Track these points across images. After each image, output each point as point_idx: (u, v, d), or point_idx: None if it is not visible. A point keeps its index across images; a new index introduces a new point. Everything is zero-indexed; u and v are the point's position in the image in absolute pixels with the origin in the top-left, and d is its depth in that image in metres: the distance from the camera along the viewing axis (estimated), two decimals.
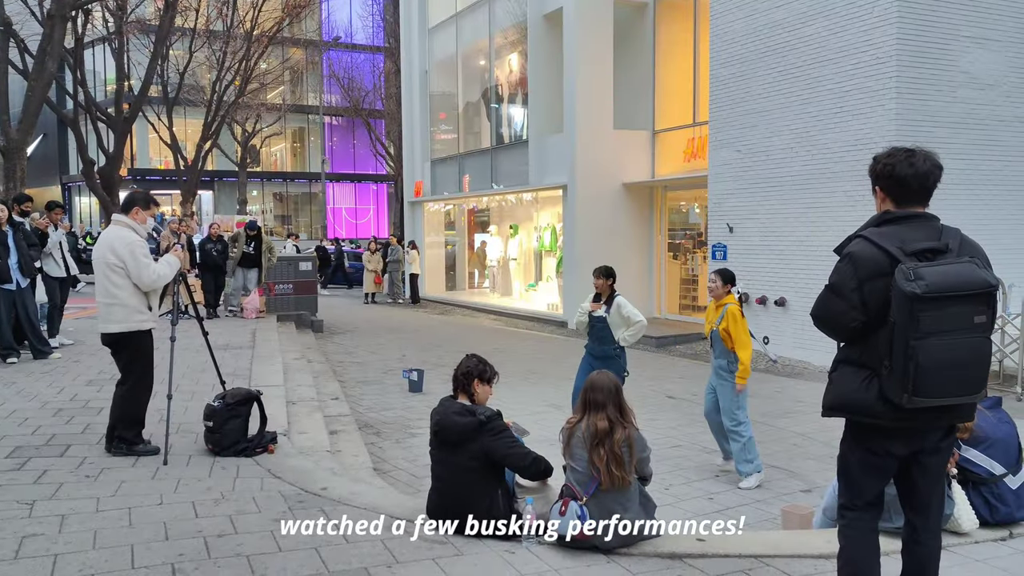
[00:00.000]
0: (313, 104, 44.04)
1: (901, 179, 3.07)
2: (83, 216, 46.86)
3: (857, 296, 2.99)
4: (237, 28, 28.19)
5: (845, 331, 3.09)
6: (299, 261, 16.36)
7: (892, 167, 3.09)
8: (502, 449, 4.38)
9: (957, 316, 2.83)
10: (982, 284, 2.86)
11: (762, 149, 13.71)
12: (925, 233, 3.01)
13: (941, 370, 2.83)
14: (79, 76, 22.43)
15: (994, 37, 12.18)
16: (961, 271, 2.87)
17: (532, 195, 20.13)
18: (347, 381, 10.76)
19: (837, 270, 3.09)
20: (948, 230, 3.04)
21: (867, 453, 3.14)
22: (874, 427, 3.06)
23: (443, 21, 24.33)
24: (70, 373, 8.70)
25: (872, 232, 3.06)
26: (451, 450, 4.44)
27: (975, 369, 2.91)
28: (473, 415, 4.42)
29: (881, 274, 2.93)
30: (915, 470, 3.16)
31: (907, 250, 2.94)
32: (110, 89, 37.21)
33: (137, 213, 5.73)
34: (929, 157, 3.09)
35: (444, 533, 4.42)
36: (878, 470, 3.16)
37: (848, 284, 3.02)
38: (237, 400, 5.95)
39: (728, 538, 4.75)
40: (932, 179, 3.08)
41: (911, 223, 3.05)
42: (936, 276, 2.83)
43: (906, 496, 3.25)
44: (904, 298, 2.83)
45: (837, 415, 3.15)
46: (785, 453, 7.72)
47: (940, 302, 2.81)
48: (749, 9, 13.90)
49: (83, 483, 5.14)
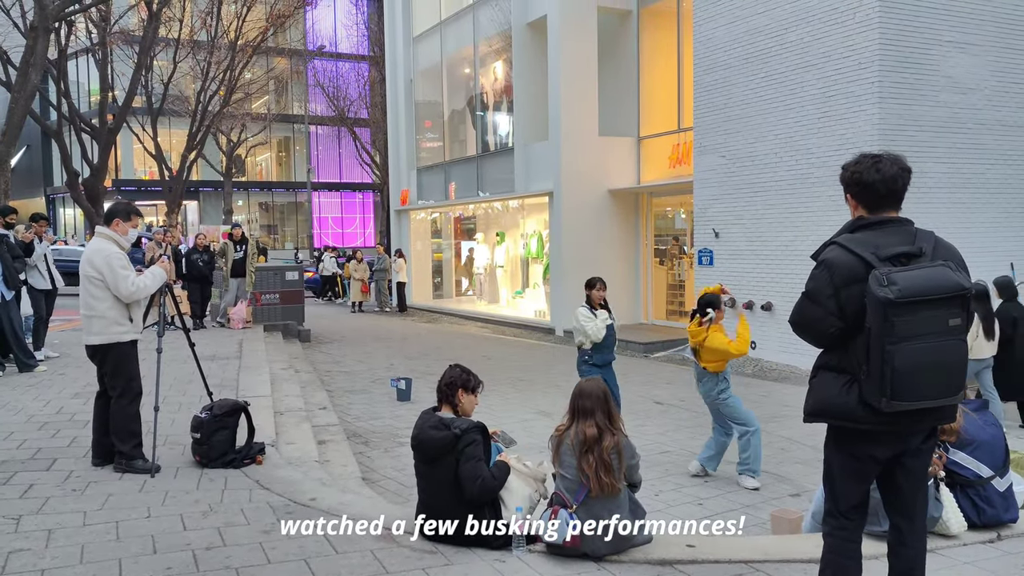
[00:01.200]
0: (298, 113, 43.97)
1: (869, 185, 3.09)
2: (68, 227, 46.57)
3: (834, 302, 3.02)
4: (221, 38, 28.15)
5: (823, 337, 3.11)
6: (285, 271, 16.31)
7: (859, 174, 3.12)
8: (460, 464, 4.30)
9: (931, 320, 2.85)
10: (955, 287, 2.87)
11: (746, 154, 13.78)
12: (899, 238, 3.03)
13: (918, 373, 2.85)
14: (63, 87, 22.34)
15: (975, 41, 12.30)
16: (934, 275, 2.88)
17: (518, 202, 20.16)
18: (335, 391, 10.72)
19: (813, 277, 3.12)
20: (922, 234, 3.06)
21: (849, 457, 3.16)
22: (855, 431, 3.08)
23: (427, 30, 24.38)
24: (55, 386, 8.63)
25: (846, 238, 3.09)
26: (431, 464, 4.42)
27: (952, 371, 2.92)
28: (448, 429, 4.37)
29: (856, 280, 2.96)
30: (898, 473, 3.18)
31: (881, 255, 2.96)
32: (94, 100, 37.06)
33: (118, 225, 5.69)
34: (896, 161, 3.11)
35: (443, 532, 4.39)
36: (860, 474, 3.17)
37: (824, 291, 3.05)
38: (224, 411, 5.91)
39: (718, 544, 4.76)
40: (900, 183, 3.10)
41: (885, 228, 3.07)
42: (909, 281, 2.85)
43: (890, 499, 3.26)
44: (878, 303, 2.86)
45: (818, 420, 3.17)
46: (773, 457, 7.74)
47: (913, 306, 2.83)
48: (731, 16, 13.99)
49: (69, 497, 5.10)
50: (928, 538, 4.52)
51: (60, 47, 21.55)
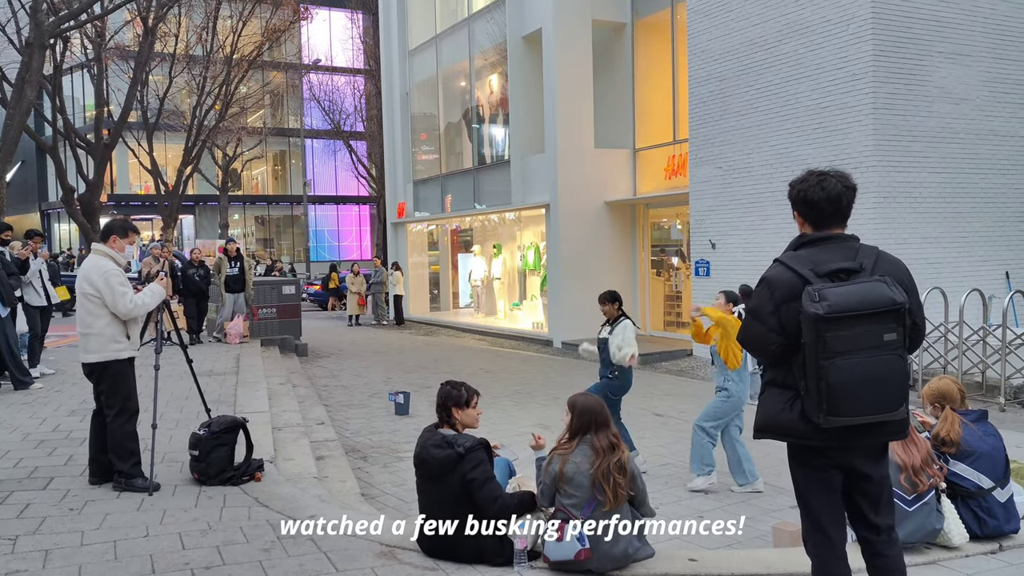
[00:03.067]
0: (294, 127, 44.03)
1: (814, 203, 3.13)
2: (63, 243, 46.50)
3: (775, 319, 3.06)
4: (217, 53, 28.20)
5: (767, 354, 3.15)
6: (282, 285, 16.30)
7: (804, 192, 3.16)
8: (476, 485, 4.28)
9: (865, 335, 2.86)
10: (887, 302, 2.87)
11: (742, 166, 13.82)
12: (840, 254, 3.05)
13: (853, 389, 2.86)
14: (58, 103, 22.33)
15: (966, 52, 12.38)
16: (866, 290, 2.90)
17: (515, 214, 20.18)
18: (333, 405, 10.69)
19: (755, 294, 3.17)
20: (865, 249, 3.09)
21: (808, 470, 3.17)
22: (805, 446, 3.10)
23: (423, 43, 24.46)
24: (52, 403, 8.59)
25: (788, 256, 3.14)
26: (433, 483, 4.40)
27: (889, 386, 2.91)
28: (452, 447, 4.34)
29: (795, 297, 2.99)
30: (855, 493, 3.18)
31: (819, 271, 2.99)
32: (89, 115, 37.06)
33: (115, 241, 5.67)
34: (842, 179, 3.14)
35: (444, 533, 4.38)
36: (824, 485, 3.16)
37: (765, 308, 3.09)
38: (223, 428, 5.89)
39: (720, 558, 4.75)
40: (844, 201, 3.13)
41: (826, 245, 3.10)
42: (839, 296, 2.87)
43: (852, 516, 3.25)
44: (809, 319, 2.89)
45: (766, 436, 3.19)
46: (773, 469, 7.71)
47: (845, 322, 2.85)
48: (726, 28, 14.06)
49: (67, 516, 5.07)
50: (930, 550, 4.53)
51: (55, 63, 21.56)
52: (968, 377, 11.13)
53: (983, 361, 10.96)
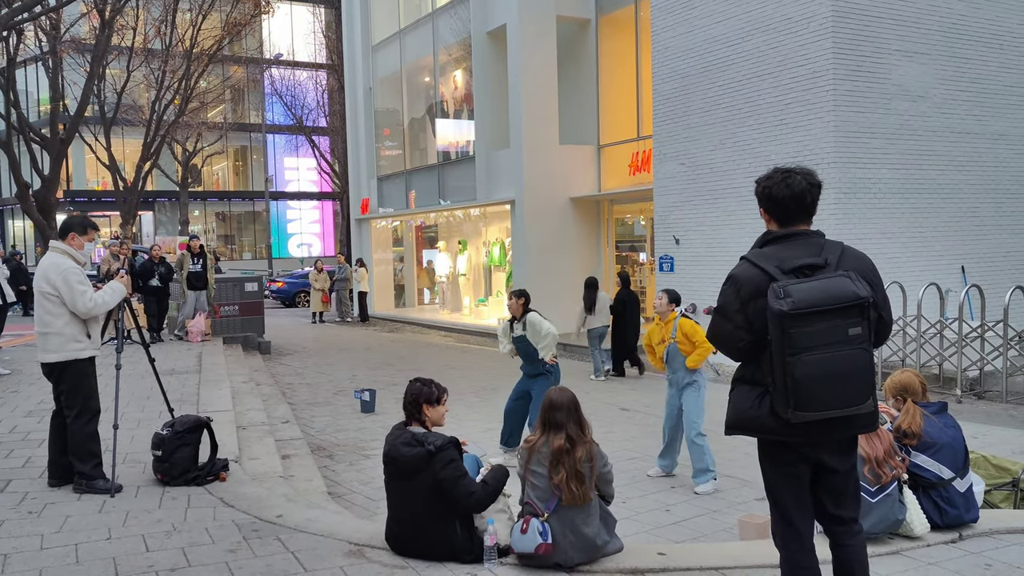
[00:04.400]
0: (255, 122, 43.49)
1: (778, 200, 3.15)
2: (17, 240, 45.48)
3: (741, 316, 3.08)
4: (176, 47, 27.73)
5: (736, 351, 3.17)
6: (244, 282, 16.10)
7: (769, 189, 3.18)
8: (448, 482, 4.27)
9: (829, 331, 2.88)
10: (850, 297, 2.89)
11: (705, 162, 13.93)
12: (806, 250, 3.07)
13: (819, 383, 2.88)
14: (11, 97, 21.79)
15: (923, 50, 12.59)
16: (829, 285, 2.91)
17: (480, 210, 20.15)
18: (297, 403, 10.60)
19: (722, 292, 3.20)
20: (830, 245, 3.11)
21: (777, 465, 3.21)
22: (775, 442, 3.14)
23: (387, 38, 24.29)
24: (8, 404, 8.40)
25: (754, 253, 3.17)
26: (403, 481, 4.38)
27: (856, 380, 2.93)
28: (422, 445, 4.32)
29: (761, 293, 3.00)
30: (820, 488, 3.21)
31: (785, 268, 3.02)
32: (44, 109, 36.29)
33: (73, 239, 5.55)
34: (807, 176, 3.16)
35: (413, 531, 4.37)
36: (791, 480, 3.18)
37: (732, 305, 3.12)
38: (186, 427, 5.80)
39: (688, 551, 4.79)
40: (809, 198, 3.16)
41: (792, 241, 3.12)
42: (802, 293, 2.89)
43: (817, 507, 3.27)
44: (774, 316, 2.91)
45: (736, 433, 3.22)
46: (737, 462, 7.80)
47: (808, 318, 2.87)
48: (689, 25, 14.15)
49: (26, 520, 4.96)
50: (893, 540, 4.61)
51: (9, 55, 21.07)
52: (926, 369, 11.34)
53: (940, 354, 11.18)
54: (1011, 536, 4.78)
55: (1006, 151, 13.56)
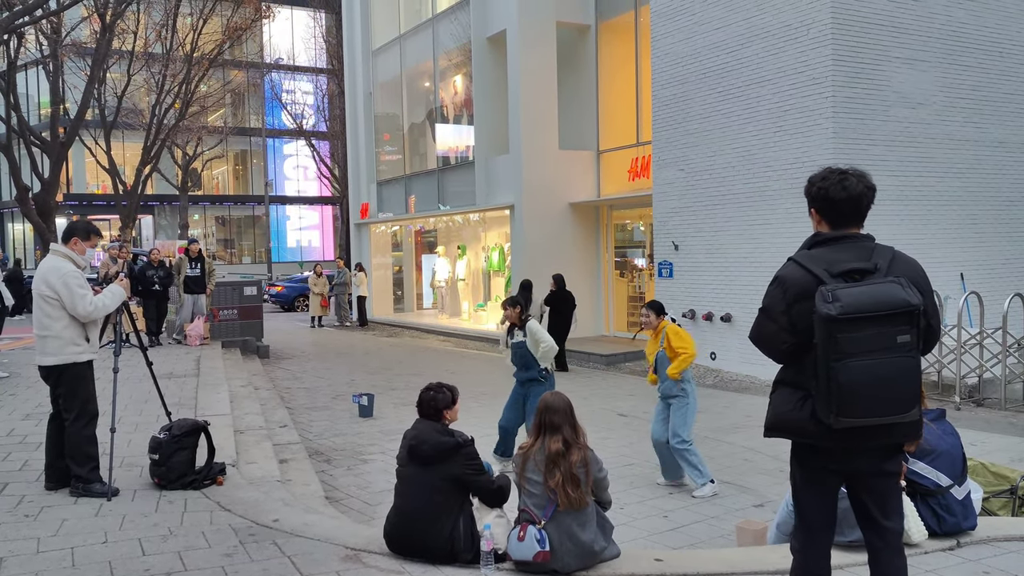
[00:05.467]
0: (255, 126, 43.53)
1: (835, 202, 3.09)
2: (17, 244, 45.48)
3: (786, 318, 3.03)
4: (177, 51, 27.76)
5: (778, 353, 3.13)
6: (243, 286, 16.10)
7: (826, 190, 3.10)
8: (472, 474, 4.43)
9: (877, 337, 2.83)
10: (901, 304, 2.84)
11: (705, 168, 13.95)
12: (855, 254, 3.02)
13: (864, 390, 2.83)
14: (12, 100, 21.81)
15: (923, 58, 12.62)
16: (879, 291, 2.87)
17: (479, 215, 20.16)
18: (295, 408, 10.59)
19: (768, 293, 3.14)
20: (880, 249, 3.06)
21: (808, 472, 3.17)
22: (811, 447, 3.09)
23: (387, 43, 24.32)
24: (6, 407, 8.39)
25: (801, 255, 3.11)
26: (423, 467, 4.42)
27: (901, 388, 2.88)
28: (452, 436, 4.51)
29: (808, 296, 2.95)
30: (863, 492, 3.15)
31: (833, 271, 2.96)
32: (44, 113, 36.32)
33: (76, 243, 5.56)
34: (862, 179, 3.11)
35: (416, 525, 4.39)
36: (821, 490, 3.16)
37: (777, 307, 3.06)
38: (183, 431, 5.80)
39: (686, 558, 4.78)
40: (865, 201, 3.11)
41: (842, 244, 3.07)
42: (852, 297, 2.84)
43: (859, 516, 3.23)
44: (821, 320, 2.86)
45: (775, 435, 3.18)
46: (736, 468, 7.80)
47: (857, 323, 2.82)
48: (689, 32, 14.18)
49: (23, 523, 4.95)
50: None
51: (9, 59, 21.08)
52: (924, 376, 11.35)
53: (939, 361, 11.19)
54: (1009, 544, 4.77)
55: (1006, 158, 13.58)
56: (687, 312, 14.28)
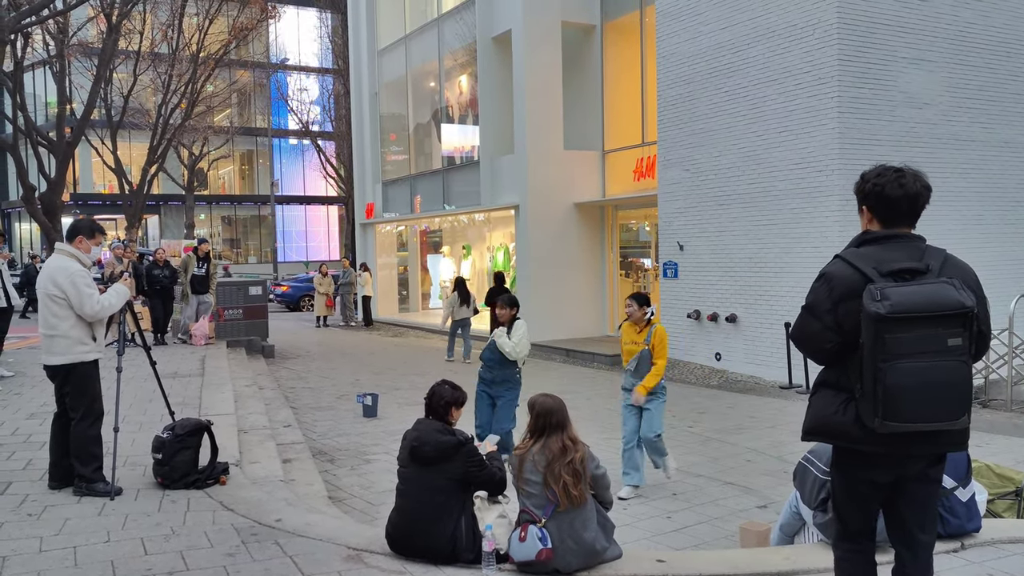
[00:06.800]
0: (261, 126, 43.60)
1: (891, 200, 2.97)
2: (24, 243, 45.65)
3: (831, 317, 2.91)
4: (183, 51, 27.84)
5: (822, 352, 3.00)
6: (248, 286, 16.11)
7: (881, 187, 2.98)
8: (475, 470, 4.45)
9: (928, 339, 2.71)
10: (954, 305, 2.72)
11: (710, 168, 13.92)
12: (906, 253, 2.91)
13: (911, 394, 2.72)
14: (18, 100, 21.89)
15: (929, 58, 12.57)
16: (931, 291, 2.75)
17: (484, 215, 20.16)
18: (300, 407, 10.59)
19: (813, 290, 3.01)
20: (932, 251, 2.94)
21: (849, 479, 3.05)
22: (853, 452, 2.97)
23: (392, 43, 24.35)
24: (11, 406, 8.41)
25: (850, 252, 2.98)
26: (424, 467, 4.41)
27: (951, 393, 2.74)
28: (453, 435, 4.51)
29: (855, 295, 2.83)
30: (900, 500, 3.04)
31: (883, 270, 2.84)
32: (51, 113, 36.43)
33: (81, 242, 5.56)
34: (919, 178, 2.99)
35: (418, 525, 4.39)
36: (862, 497, 3.04)
37: (823, 305, 2.94)
38: (187, 431, 5.80)
39: (688, 559, 4.77)
40: (922, 201, 2.98)
41: (892, 243, 2.95)
42: (902, 296, 2.73)
43: (892, 526, 3.10)
44: (869, 319, 2.74)
45: (815, 439, 3.06)
46: (740, 469, 7.78)
47: (906, 323, 2.70)
48: (694, 31, 14.15)
49: (25, 522, 4.96)
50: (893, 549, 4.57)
51: (16, 59, 21.15)
52: None
53: (987, 367, 11.06)
54: (1013, 546, 4.74)
55: (1012, 159, 13.53)
56: (692, 312, 14.26)
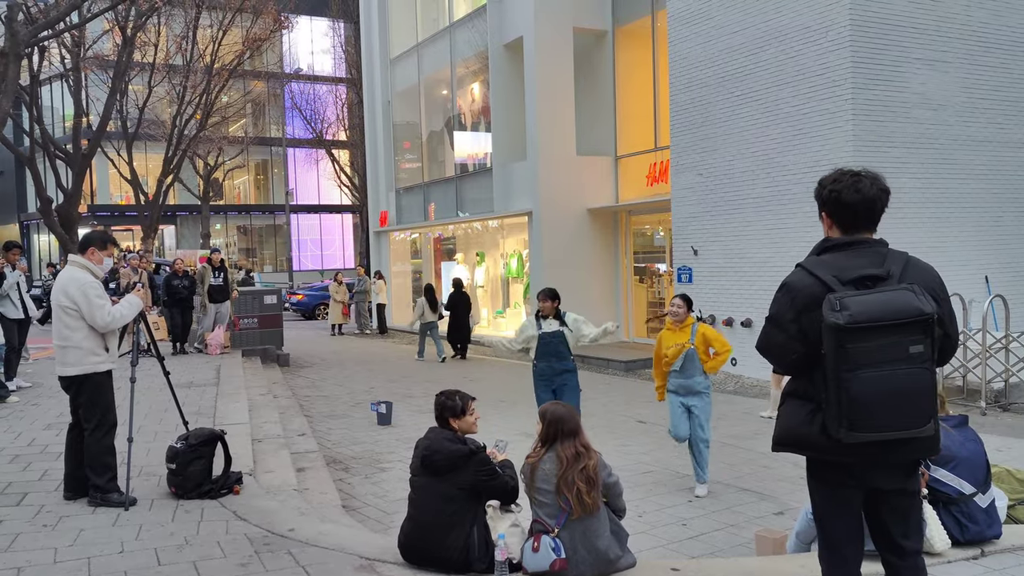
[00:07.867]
0: (276, 136, 43.84)
1: (848, 205, 2.94)
2: (42, 255, 46.07)
3: (795, 327, 2.89)
4: (197, 62, 28.04)
5: (786, 363, 3.00)
6: (263, 294, 16.17)
7: (838, 193, 2.95)
8: (487, 479, 4.41)
9: (889, 347, 2.69)
10: (914, 312, 2.70)
11: (723, 172, 13.85)
12: (867, 260, 2.88)
13: (876, 403, 2.71)
14: (35, 113, 22.10)
15: (944, 59, 12.47)
16: (891, 299, 2.73)
17: (498, 222, 20.16)
18: (314, 416, 10.61)
19: (776, 300, 3.01)
20: (893, 255, 2.91)
21: (825, 487, 3.03)
22: (827, 463, 2.95)
23: (405, 52, 24.43)
24: (28, 417, 8.47)
25: (810, 261, 2.96)
26: (435, 476, 4.39)
27: (914, 401, 2.74)
28: (464, 443, 4.47)
29: (817, 304, 2.80)
30: (883, 510, 3.01)
31: (844, 278, 2.83)
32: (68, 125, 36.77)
33: (93, 253, 5.61)
34: (876, 181, 2.96)
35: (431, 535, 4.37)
36: (840, 506, 3.01)
37: (786, 315, 2.93)
38: (200, 440, 5.81)
39: (703, 567, 4.72)
40: (880, 204, 2.96)
41: (853, 250, 2.93)
42: (861, 306, 2.71)
43: (875, 535, 3.08)
44: (829, 329, 2.72)
45: (784, 450, 3.04)
46: (756, 475, 7.72)
47: (867, 333, 2.69)
48: (706, 35, 14.11)
49: (41, 533, 4.98)
50: None
51: (32, 72, 21.37)
52: (949, 381, 11.19)
53: (964, 365, 11.03)
54: None
55: None
56: (707, 317, 14.18)
